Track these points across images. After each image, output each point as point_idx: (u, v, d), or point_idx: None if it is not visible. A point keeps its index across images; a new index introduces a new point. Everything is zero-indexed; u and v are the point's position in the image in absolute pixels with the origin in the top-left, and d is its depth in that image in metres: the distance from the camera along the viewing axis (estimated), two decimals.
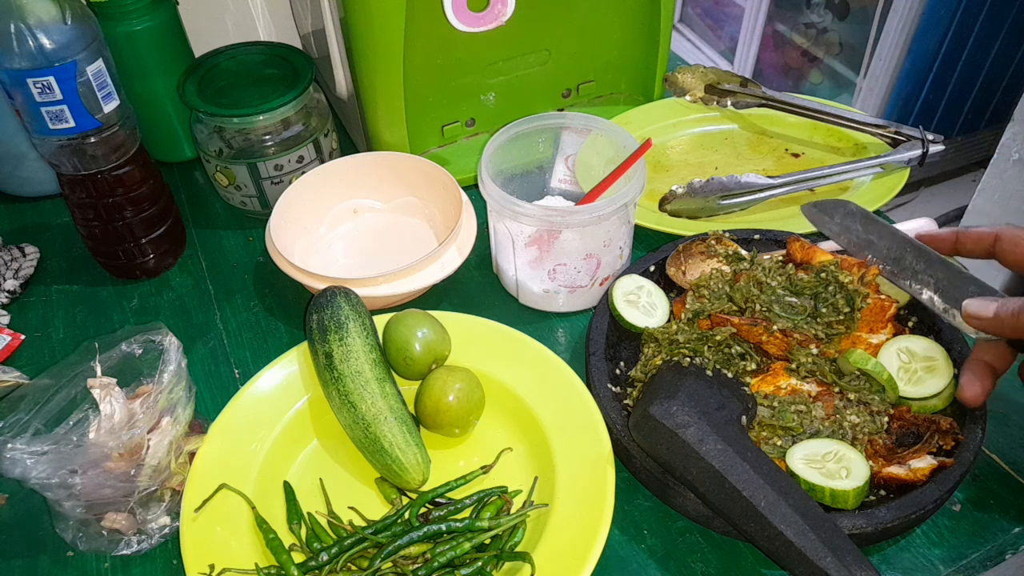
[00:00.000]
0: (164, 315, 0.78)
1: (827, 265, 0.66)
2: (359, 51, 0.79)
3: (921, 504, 0.54)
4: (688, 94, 0.95)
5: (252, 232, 0.87)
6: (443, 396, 0.62)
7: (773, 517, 0.51)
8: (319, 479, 0.63)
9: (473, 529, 0.58)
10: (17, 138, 0.85)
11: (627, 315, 0.68)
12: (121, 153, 0.73)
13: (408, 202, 0.84)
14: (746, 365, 0.63)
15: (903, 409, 0.60)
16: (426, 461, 0.61)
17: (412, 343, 0.65)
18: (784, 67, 2.35)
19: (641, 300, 0.69)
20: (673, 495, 0.59)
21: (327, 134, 0.86)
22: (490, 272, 0.80)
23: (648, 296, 0.70)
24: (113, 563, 0.60)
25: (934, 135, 0.82)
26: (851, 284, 0.64)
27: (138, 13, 0.81)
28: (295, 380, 0.68)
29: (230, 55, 0.86)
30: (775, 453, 0.58)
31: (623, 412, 0.63)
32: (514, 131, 0.74)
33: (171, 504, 0.60)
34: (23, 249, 0.84)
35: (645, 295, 0.70)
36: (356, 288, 0.69)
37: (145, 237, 0.79)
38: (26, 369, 0.72)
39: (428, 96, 0.86)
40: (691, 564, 0.58)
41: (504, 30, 0.81)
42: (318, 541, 0.58)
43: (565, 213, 0.68)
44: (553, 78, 0.92)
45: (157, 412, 0.58)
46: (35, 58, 0.63)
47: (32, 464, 0.54)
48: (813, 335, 0.63)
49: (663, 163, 0.90)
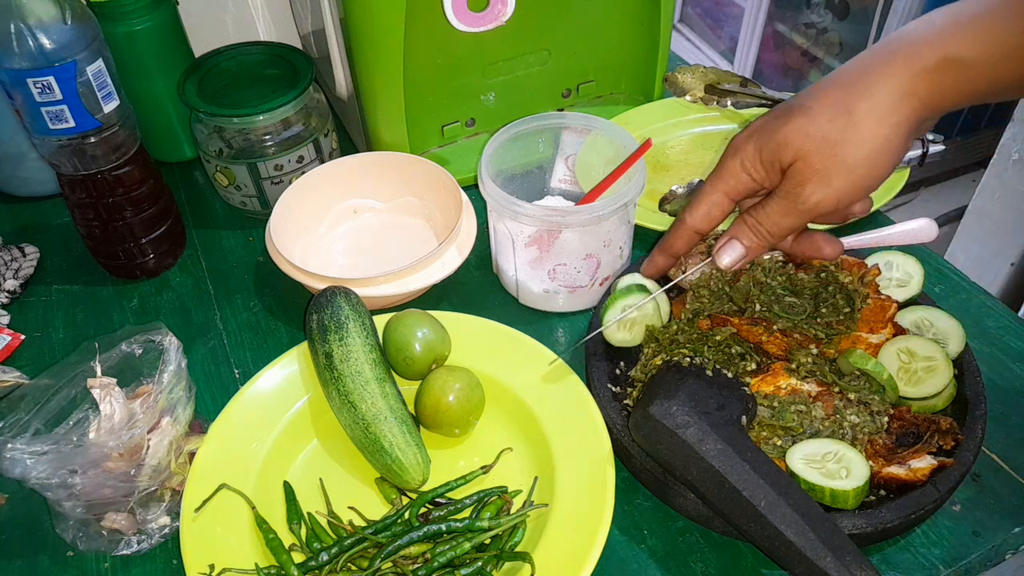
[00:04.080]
0: (164, 315, 0.78)
1: (827, 265, 0.66)
2: (359, 51, 0.79)
3: (921, 504, 0.54)
4: (688, 94, 0.95)
5: (252, 232, 0.87)
6: (443, 396, 0.62)
7: (773, 517, 0.51)
8: (319, 479, 0.63)
9: (473, 529, 0.58)
10: (17, 138, 0.85)
11: (615, 339, 0.66)
12: (121, 153, 0.73)
13: (408, 202, 0.84)
14: (746, 365, 0.63)
15: (903, 409, 0.60)
16: (426, 461, 0.61)
17: (412, 343, 0.65)
18: (784, 67, 2.35)
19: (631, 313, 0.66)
20: (673, 495, 0.59)
21: (327, 134, 0.86)
22: (490, 272, 0.80)
23: (640, 309, 0.66)
24: (113, 563, 0.60)
25: (934, 135, 0.82)
26: (851, 284, 0.64)
27: (138, 13, 0.81)
28: (295, 380, 0.68)
29: (230, 55, 0.86)
30: (775, 453, 0.58)
31: (623, 412, 0.63)
32: (514, 131, 0.74)
33: (171, 504, 0.60)
34: (23, 249, 0.84)
35: (639, 308, 0.66)
36: (356, 288, 0.69)
37: (145, 237, 0.79)
38: (26, 369, 0.72)
39: (428, 96, 0.86)
40: (691, 564, 0.58)
41: (504, 30, 0.81)
42: (318, 541, 0.58)
43: (565, 213, 0.68)
44: (553, 78, 0.92)
45: (157, 412, 0.58)
46: (35, 58, 0.63)
47: (32, 464, 0.54)
48: (813, 335, 0.63)
49: (663, 163, 0.90)
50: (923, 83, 0.48)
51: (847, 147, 0.50)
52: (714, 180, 0.57)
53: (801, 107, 0.52)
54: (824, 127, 0.50)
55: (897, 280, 0.68)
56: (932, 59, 0.48)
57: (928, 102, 0.49)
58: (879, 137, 0.50)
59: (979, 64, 0.47)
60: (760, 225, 0.55)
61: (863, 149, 0.50)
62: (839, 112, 0.50)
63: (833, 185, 0.51)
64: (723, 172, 0.57)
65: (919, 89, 0.48)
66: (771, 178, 0.55)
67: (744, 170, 0.55)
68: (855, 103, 0.50)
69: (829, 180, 0.51)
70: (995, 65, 0.47)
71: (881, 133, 0.49)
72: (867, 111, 0.49)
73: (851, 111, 0.50)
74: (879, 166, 0.51)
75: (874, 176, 0.51)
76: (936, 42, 0.48)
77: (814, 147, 0.51)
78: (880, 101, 0.49)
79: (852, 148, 0.50)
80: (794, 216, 0.53)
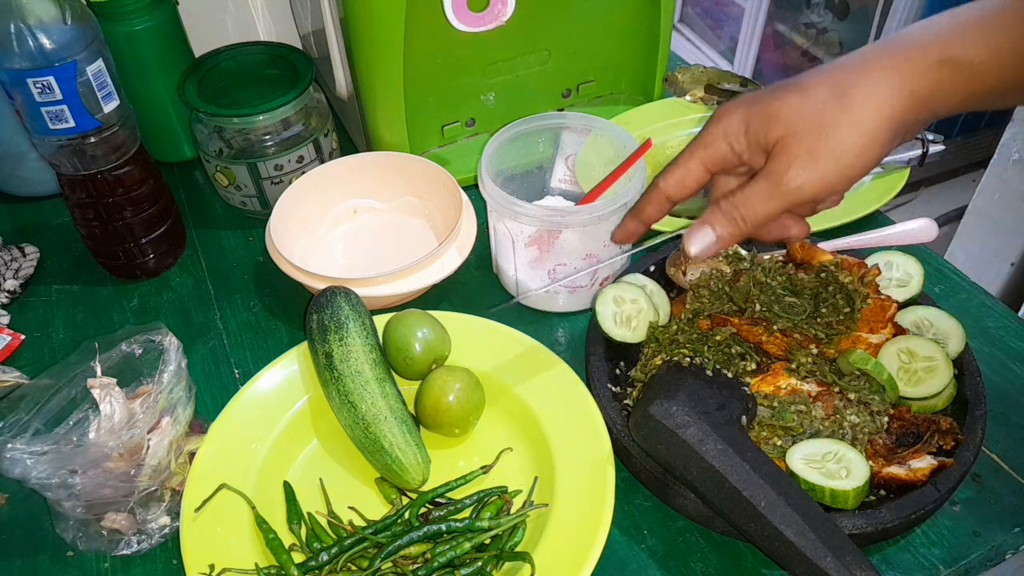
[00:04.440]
0: (164, 315, 0.78)
1: (827, 265, 0.66)
2: (359, 51, 0.79)
3: (921, 504, 0.54)
4: (688, 94, 0.95)
5: (252, 232, 0.87)
6: (443, 396, 0.62)
7: (773, 517, 0.51)
8: (319, 479, 0.63)
9: (473, 529, 0.58)
10: (17, 138, 0.85)
11: (615, 334, 0.67)
12: (121, 153, 0.73)
13: (408, 202, 0.84)
14: (746, 365, 0.63)
15: (903, 409, 0.60)
16: (426, 461, 0.61)
17: (412, 343, 0.65)
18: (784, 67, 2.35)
19: (624, 307, 0.67)
20: (673, 495, 0.59)
21: (327, 134, 0.86)
22: (490, 272, 0.80)
23: (633, 303, 0.67)
24: (113, 563, 0.60)
25: (934, 135, 0.82)
26: (851, 284, 0.64)
27: (138, 13, 0.81)
28: (295, 380, 0.68)
29: (230, 55, 0.86)
30: (775, 453, 0.58)
31: (623, 412, 0.63)
32: (514, 131, 0.74)
33: (171, 504, 0.60)
34: (23, 249, 0.84)
35: (630, 300, 0.67)
36: (356, 288, 0.69)
37: (145, 237, 0.79)
38: (26, 369, 0.72)
39: (428, 96, 0.86)
40: (691, 564, 0.58)
41: (504, 30, 0.81)
42: (318, 541, 0.58)
43: (565, 213, 0.67)
44: (553, 78, 0.92)
45: (157, 412, 0.58)
46: (35, 58, 0.63)
47: (32, 464, 0.54)
48: (813, 335, 0.63)
49: (663, 163, 0.90)
50: (922, 81, 0.48)
51: (839, 129, 0.49)
52: (693, 146, 0.55)
53: (797, 84, 0.51)
54: (818, 105, 0.50)
55: (897, 280, 0.68)
56: (933, 58, 0.48)
57: (925, 101, 0.49)
58: (871, 125, 0.49)
59: (979, 66, 0.47)
60: (735, 209, 0.52)
61: (854, 134, 0.49)
62: (835, 93, 0.49)
63: (819, 169, 0.50)
64: (703, 138, 0.55)
65: (917, 86, 0.48)
66: (752, 153, 0.53)
67: (725, 139, 0.53)
68: (852, 86, 0.49)
69: (816, 163, 0.50)
70: (994, 68, 0.47)
71: (874, 121, 0.49)
72: (863, 96, 0.49)
73: (847, 93, 0.49)
74: (866, 155, 0.50)
75: (860, 165, 0.50)
76: (937, 42, 0.48)
77: (804, 125, 0.50)
78: (877, 90, 0.49)
79: (843, 131, 0.49)
80: (775, 200, 0.51)
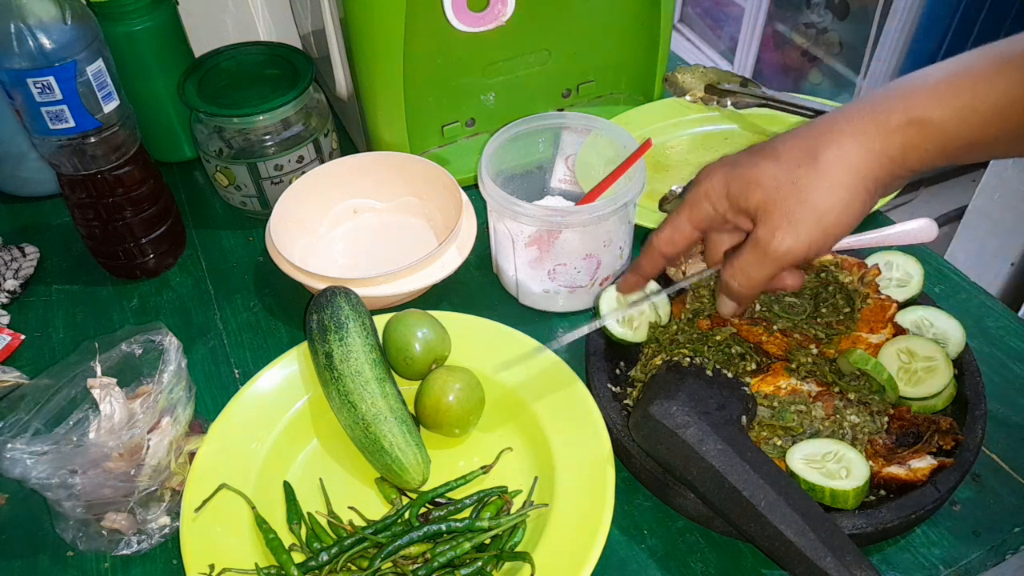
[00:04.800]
0: (164, 315, 0.78)
1: (827, 265, 0.66)
2: (359, 51, 0.79)
3: (921, 504, 0.54)
4: (688, 94, 0.95)
5: (252, 232, 0.87)
6: (443, 396, 0.62)
7: (773, 517, 0.51)
8: (319, 479, 0.63)
9: (473, 529, 0.58)
10: (17, 138, 0.85)
11: (615, 331, 0.67)
12: (121, 153, 0.73)
13: (408, 202, 0.84)
14: (746, 365, 0.63)
15: (903, 409, 0.60)
16: (426, 461, 0.61)
17: (412, 343, 0.65)
18: (784, 67, 2.35)
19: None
20: (673, 495, 0.59)
21: (327, 134, 0.86)
22: (490, 272, 0.80)
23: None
24: (113, 563, 0.60)
25: None
26: (851, 284, 0.64)
27: (138, 13, 0.81)
28: (295, 380, 0.68)
29: (230, 55, 0.86)
30: (775, 453, 0.58)
31: (623, 412, 0.63)
32: (514, 131, 0.74)
33: (171, 504, 0.60)
34: (23, 249, 0.84)
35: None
36: (356, 288, 0.69)
37: (145, 237, 0.79)
38: (26, 369, 0.72)
39: (428, 96, 0.86)
40: (691, 564, 0.58)
41: (504, 30, 0.81)
42: (318, 541, 0.58)
43: (565, 213, 0.68)
44: (553, 78, 0.92)
45: (157, 412, 0.58)
46: (35, 58, 0.63)
47: (32, 464, 0.54)
48: (813, 335, 0.63)
49: (663, 163, 0.90)
50: (890, 140, 0.49)
51: (815, 193, 0.50)
52: (681, 205, 0.58)
53: (772, 150, 0.53)
54: (792, 170, 0.51)
55: (897, 280, 0.68)
56: (901, 119, 0.49)
57: (898, 160, 0.50)
58: (847, 185, 0.50)
59: (945, 124, 0.48)
60: (734, 279, 0.55)
61: (831, 196, 0.50)
62: (807, 157, 0.51)
63: (803, 233, 0.51)
64: (689, 198, 0.57)
65: (888, 147, 0.49)
66: (734, 214, 0.55)
67: (708, 200, 0.55)
68: (823, 151, 0.50)
69: (798, 228, 0.51)
70: (961, 127, 0.48)
71: (849, 182, 0.50)
72: (834, 159, 0.50)
73: (818, 157, 0.50)
74: (847, 214, 0.51)
75: (843, 223, 0.51)
76: (904, 103, 0.49)
77: (782, 191, 0.51)
78: (848, 152, 0.50)
79: (820, 195, 0.50)
80: (767, 267, 0.53)
